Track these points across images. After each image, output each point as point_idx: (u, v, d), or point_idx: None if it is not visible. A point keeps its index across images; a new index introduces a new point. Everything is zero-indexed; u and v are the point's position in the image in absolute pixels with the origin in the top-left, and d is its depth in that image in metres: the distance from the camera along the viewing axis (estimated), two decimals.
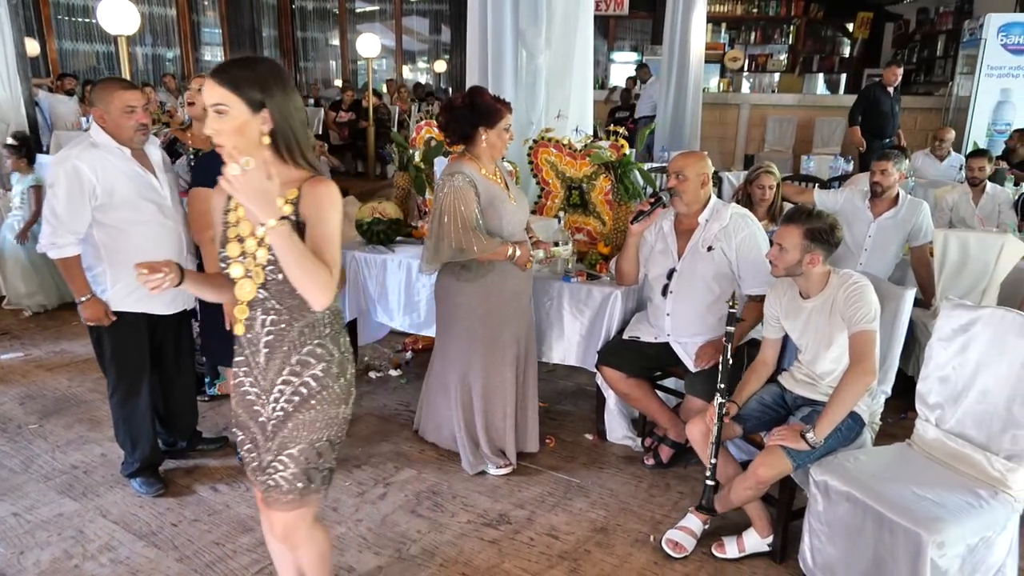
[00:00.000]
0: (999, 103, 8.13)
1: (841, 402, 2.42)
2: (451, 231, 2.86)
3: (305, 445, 1.84)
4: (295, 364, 1.81)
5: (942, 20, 11.57)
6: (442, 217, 2.87)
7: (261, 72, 1.70)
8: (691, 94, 8.34)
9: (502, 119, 2.93)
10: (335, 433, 1.89)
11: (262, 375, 1.84)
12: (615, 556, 2.69)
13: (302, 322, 1.79)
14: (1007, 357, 2.32)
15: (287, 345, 1.80)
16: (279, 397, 1.83)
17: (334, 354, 1.85)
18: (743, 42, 13.93)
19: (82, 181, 2.64)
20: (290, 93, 1.72)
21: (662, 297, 3.12)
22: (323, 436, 1.86)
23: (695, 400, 3.00)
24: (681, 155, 3.12)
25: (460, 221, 2.85)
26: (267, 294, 1.76)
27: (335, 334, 1.87)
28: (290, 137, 1.73)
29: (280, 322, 1.78)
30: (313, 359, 1.82)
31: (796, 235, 2.50)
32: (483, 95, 2.94)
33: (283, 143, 1.72)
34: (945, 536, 2.09)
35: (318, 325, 1.82)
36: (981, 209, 4.87)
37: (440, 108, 3.03)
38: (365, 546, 2.72)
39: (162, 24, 11.61)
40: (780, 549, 2.66)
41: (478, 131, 2.91)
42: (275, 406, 1.84)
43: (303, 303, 1.74)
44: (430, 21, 15.04)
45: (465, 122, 2.90)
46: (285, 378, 1.82)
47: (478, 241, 2.88)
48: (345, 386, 1.89)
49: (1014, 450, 2.27)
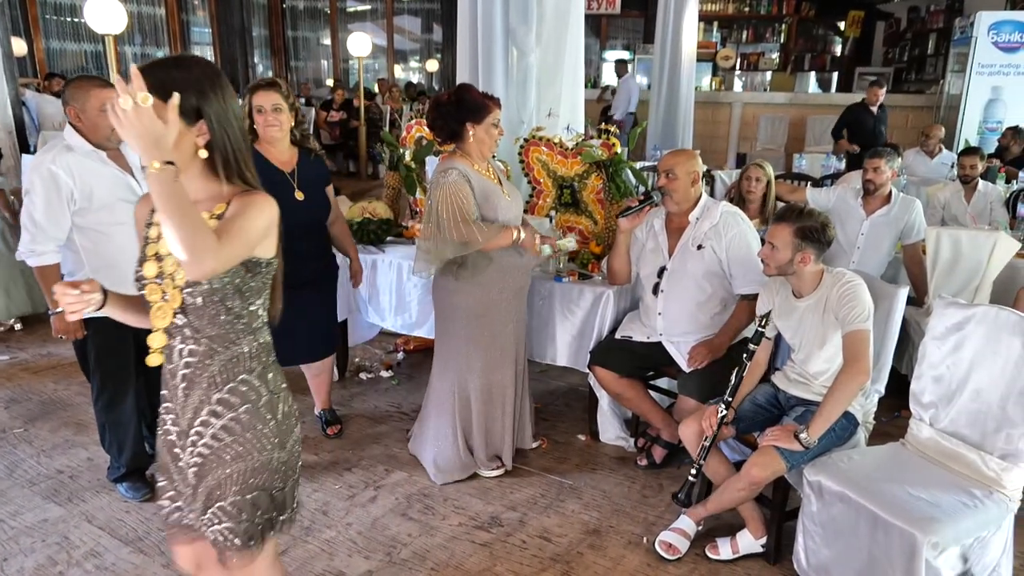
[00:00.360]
0: (990, 101, 8.15)
1: (835, 402, 2.41)
2: (452, 227, 2.81)
3: (236, 498, 1.60)
4: (215, 403, 1.59)
5: (933, 18, 11.60)
6: (440, 214, 2.81)
7: (197, 74, 1.49)
8: (683, 93, 8.31)
9: (489, 114, 2.89)
10: (273, 482, 1.64)
11: (181, 413, 1.62)
12: (608, 558, 2.67)
13: (225, 354, 1.58)
14: (1001, 356, 2.31)
15: (206, 381, 1.58)
16: (196, 440, 1.61)
17: (262, 393, 1.63)
18: (735, 41, 13.93)
19: (59, 186, 2.59)
20: (229, 99, 1.52)
21: (653, 296, 3.10)
22: (256, 486, 1.62)
23: (688, 400, 2.99)
24: (671, 153, 3.10)
25: (459, 215, 2.80)
26: (185, 320, 1.55)
27: (264, 369, 1.65)
28: (228, 151, 1.52)
29: (199, 353, 1.57)
30: (236, 398, 1.60)
31: (787, 234, 2.48)
32: (470, 91, 2.91)
33: (220, 157, 1.52)
34: (940, 536, 2.07)
35: (244, 359, 1.61)
36: (973, 207, 4.86)
37: (428, 106, 2.98)
38: (355, 550, 2.69)
39: (151, 23, 11.53)
40: (774, 550, 2.64)
41: (465, 127, 2.87)
42: (193, 450, 1.61)
43: (228, 333, 1.56)
44: (422, 20, 15.00)
45: (452, 118, 2.87)
46: (204, 419, 1.60)
47: (480, 231, 2.82)
48: (276, 428, 1.65)
49: (1008, 449, 2.26)
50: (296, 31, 14.09)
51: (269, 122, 2.94)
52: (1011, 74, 8.07)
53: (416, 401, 3.88)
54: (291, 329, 3.11)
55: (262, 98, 2.93)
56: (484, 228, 2.85)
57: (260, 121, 2.95)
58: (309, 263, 3.10)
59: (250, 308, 1.61)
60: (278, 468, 1.65)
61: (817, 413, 2.41)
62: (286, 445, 1.67)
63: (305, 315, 3.10)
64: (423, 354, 4.47)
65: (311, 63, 14.68)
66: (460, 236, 2.82)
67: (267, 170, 2.94)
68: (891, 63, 13.06)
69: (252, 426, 1.62)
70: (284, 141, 3.04)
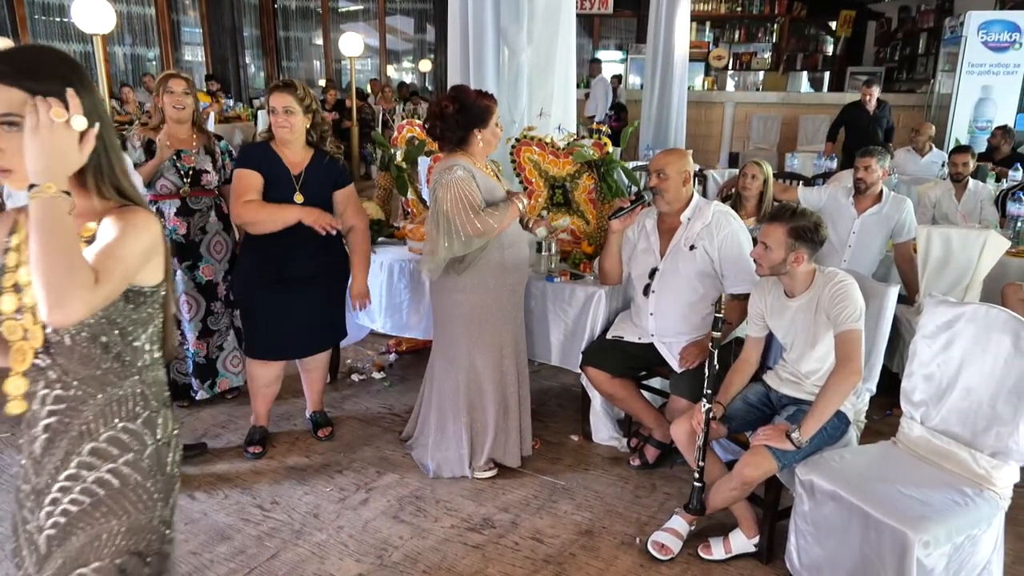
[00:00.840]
0: (980, 100, 8.18)
1: (827, 402, 2.40)
2: (466, 221, 2.80)
3: (103, 563, 1.35)
4: (88, 455, 1.35)
5: (923, 18, 11.66)
6: (450, 209, 2.80)
7: (63, 70, 1.27)
8: (676, 92, 8.31)
9: (492, 115, 2.93)
10: (148, 545, 1.40)
11: (37, 469, 1.36)
12: (600, 559, 2.66)
13: (101, 399, 1.35)
14: (991, 353, 2.31)
15: (77, 430, 1.34)
16: (60, 499, 1.35)
17: (147, 443, 1.39)
18: (727, 41, 13.98)
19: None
20: (97, 99, 1.31)
21: (644, 297, 3.09)
22: (128, 549, 1.38)
23: (680, 400, 2.98)
24: (662, 153, 3.09)
25: (471, 208, 2.81)
26: (49, 361, 1.32)
27: (151, 415, 1.41)
28: (100, 158, 1.31)
29: (68, 399, 1.34)
30: (116, 448, 1.36)
31: (780, 233, 2.48)
32: (468, 95, 2.91)
33: (90, 166, 1.30)
34: (931, 535, 2.07)
35: (125, 403, 1.37)
36: (963, 205, 4.88)
37: (428, 115, 2.99)
38: (346, 553, 2.67)
39: (141, 23, 11.47)
40: (766, 550, 2.63)
41: (473, 133, 2.89)
42: (53, 510, 1.35)
43: (104, 374, 1.34)
44: (415, 20, 14.98)
45: (459, 127, 2.88)
46: (72, 472, 1.34)
47: (494, 216, 2.84)
48: (162, 485, 1.42)
49: (998, 447, 2.26)
50: (288, 31, 14.05)
51: (280, 123, 2.98)
52: (1001, 73, 8.10)
53: (408, 403, 3.87)
54: (289, 326, 3.15)
55: (276, 99, 2.98)
56: (495, 212, 2.86)
57: (273, 122, 3.01)
58: (306, 262, 3.10)
59: (133, 344, 1.37)
60: (157, 528, 1.42)
61: (809, 413, 2.41)
62: (169, 500, 1.45)
63: (304, 312, 3.15)
64: (415, 355, 4.46)
65: (303, 63, 14.64)
66: (476, 230, 2.81)
67: (275, 167, 3.02)
68: (882, 63, 13.11)
69: (132, 480, 1.38)
70: (297, 143, 3.07)
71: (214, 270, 3.61)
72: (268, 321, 3.12)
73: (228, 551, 2.66)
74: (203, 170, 3.51)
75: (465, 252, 2.88)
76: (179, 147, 3.49)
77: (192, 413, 3.71)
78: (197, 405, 3.77)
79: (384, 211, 4.13)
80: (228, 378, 3.79)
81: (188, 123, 3.53)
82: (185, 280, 3.54)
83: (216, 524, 2.82)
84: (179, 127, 3.50)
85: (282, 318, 3.13)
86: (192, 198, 3.52)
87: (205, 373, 3.70)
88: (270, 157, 3.03)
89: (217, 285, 3.65)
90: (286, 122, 2.97)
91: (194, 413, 3.71)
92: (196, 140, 3.54)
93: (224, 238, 3.65)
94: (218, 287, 3.65)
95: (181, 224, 3.50)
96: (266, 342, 3.19)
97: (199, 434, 3.49)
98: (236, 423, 3.62)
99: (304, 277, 3.10)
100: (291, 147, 3.06)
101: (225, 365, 3.76)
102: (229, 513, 2.88)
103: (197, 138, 3.55)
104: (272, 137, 3.06)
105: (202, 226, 3.55)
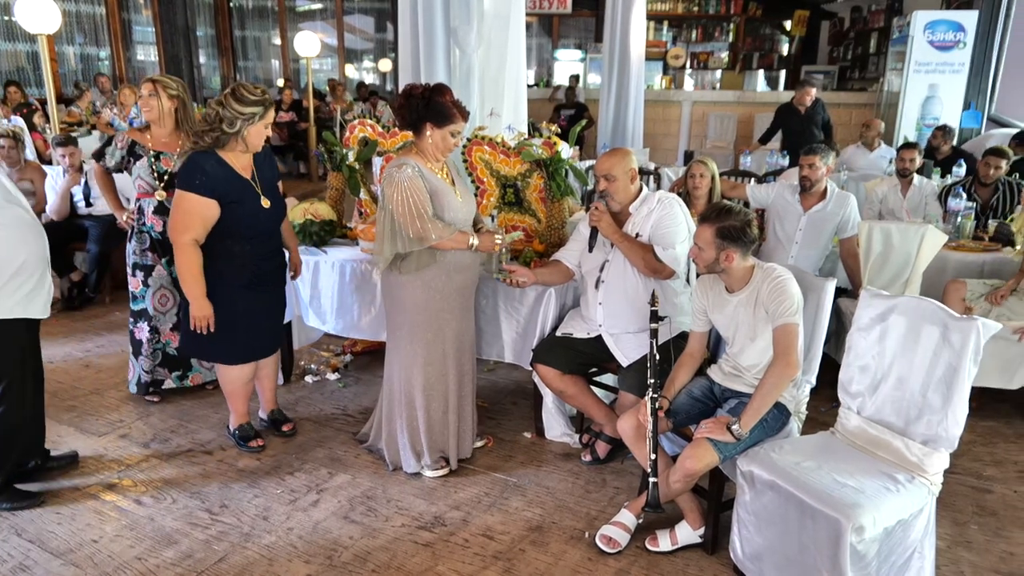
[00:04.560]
0: (927, 98, 8.39)
1: (765, 395, 2.46)
2: (408, 222, 2.83)
3: None
4: None
5: (874, 18, 11.92)
6: (396, 207, 2.83)
7: None
8: (633, 91, 8.39)
9: (452, 123, 2.91)
10: None
11: None
12: (549, 554, 2.68)
13: None
14: (921, 345, 2.38)
15: None
16: None
17: None
18: (685, 40, 14.13)
19: None
20: None
21: (595, 290, 3.13)
22: None
23: (628, 396, 3.02)
24: (605, 156, 3.10)
25: (415, 209, 2.82)
26: None
27: None
28: None
29: None
30: None
31: (709, 234, 2.54)
32: (444, 95, 2.93)
33: None
34: (863, 520, 2.13)
35: None
36: (909, 201, 5.01)
37: (402, 90, 3.03)
38: (295, 555, 2.66)
39: (91, 22, 11.22)
40: (711, 541, 2.68)
41: (425, 126, 2.90)
42: None
43: None
44: (374, 19, 14.88)
45: (415, 113, 2.90)
46: None
47: (435, 228, 2.86)
48: None
49: (929, 435, 2.33)
50: (244, 30, 13.85)
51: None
52: (946, 72, 8.32)
53: (362, 403, 3.87)
54: (257, 326, 3.21)
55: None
56: (439, 226, 2.87)
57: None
58: (269, 262, 3.21)
59: None
60: None
61: (748, 405, 2.46)
62: None
63: (267, 311, 3.28)
64: (370, 356, 4.45)
65: (260, 63, 14.44)
66: (416, 232, 2.84)
67: (238, 184, 3.01)
68: (836, 62, 13.38)
69: None
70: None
71: None
72: (249, 323, 3.17)
73: (175, 556, 2.63)
74: (175, 174, 3.44)
75: (407, 251, 2.90)
76: (161, 149, 3.53)
77: (141, 417, 3.66)
78: (148, 410, 3.72)
79: (337, 211, 4.11)
80: (201, 373, 3.86)
81: (168, 126, 3.53)
82: (163, 275, 3.64)
83: (163, 529, 2.79)
84: (160, 129, 3.54)
85: (261, 318, 3.22)
86: (169, 199, 3.50)
87: (175, 364, 3.78)
88: (225, 171, 3.00)
89: None
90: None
91: (143, 417, 3.66)
92: (180, 144, 3.49)
93: None
94: None
95: (157, 222, 3.56)
96: (248, 344, 3.23)
97: (148, 438, 3.45)
98: (186, 427, 3.58)
99: (271, 275, 3.24)
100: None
101: (199, 360, 3.82)
102: (176, 517, 2.85)
103: (182, 142, 3.48)
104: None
105: None
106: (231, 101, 2.90)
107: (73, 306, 5.32)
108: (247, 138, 2.97)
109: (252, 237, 3.05)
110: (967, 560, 2.68)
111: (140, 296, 3.67)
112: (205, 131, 2.94)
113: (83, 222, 5.25)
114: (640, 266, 2.99)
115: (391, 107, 3.13)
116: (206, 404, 3.82)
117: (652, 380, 2.61)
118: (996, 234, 4.41)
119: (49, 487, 3.04)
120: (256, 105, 2.93)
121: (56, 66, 9.70)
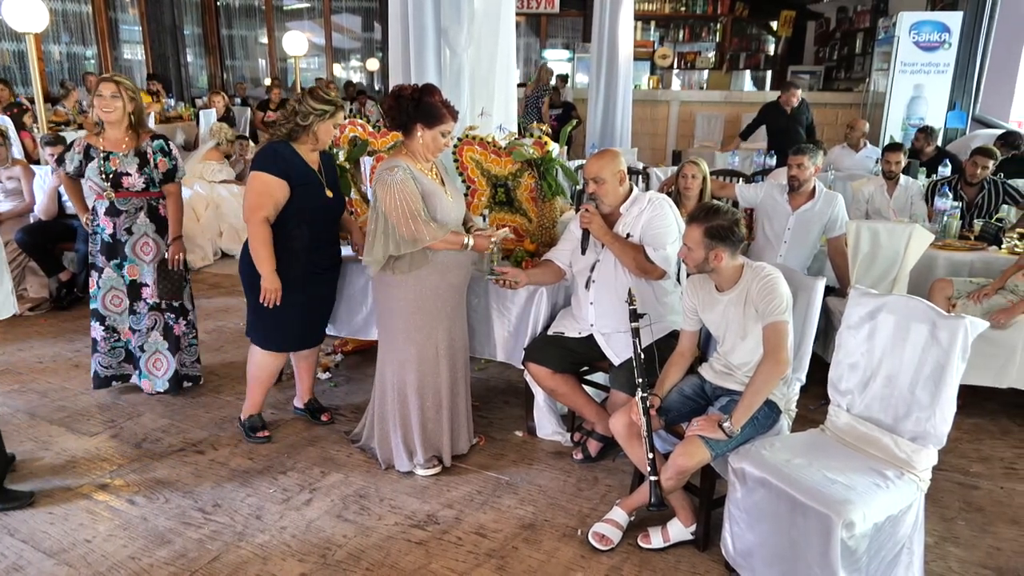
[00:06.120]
0: (912, 98, 8.47)
1: (755, 392, 2.49)
2: (401, 223, 2.86)
3: None
4: None
5: (860, 18, 12.01)
6: (389, 210, 2.85)
7: None
8: (621, 91, 8.42)
9: (442, 123, 2.94)
10: None
11: None
12: (542, 552, 2.70)
13: None
14: (910, 342, 2.41)
15: None
16: None
17: None
18: (672, 40, 14.20)
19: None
20: None
21: (586, 290, 3.15)
22: None
23: (620, 394, 3.03)
24: (594, 158, 3.11)
25: (408, 211, 2.85)
26: None
27: None
28: None
29: None
30: None
31: (698, 234, 2.56)
32: (433, 95, 2.96)
33: None
34: (853, 517, 2.15)
35: None
36: (895, 201, 5.06)
37: (391, 91, 3.09)
38: (289, 554, 2.66)
39: (77, 21, 11.14)
40: (703, 537, 2.71)
41: (416, 126, 2.93)
42: None
43: None
44: (362, 19, 14.86)
45: (406, 114, 2.93)
46: None
47: (429, 229, 2.89)
48: None
49: (917, 431, 2.36)
50: (231, 29, 13.79)
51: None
52: (931, 72, 8.40)
53: (354, 402, 3.87)
54: (301, 317, 3.29)
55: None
56: (433, 227, 2.90)
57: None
58: (324, 253, 3.32)
59: None
60: None
61: (739, 403, 2.49)
62: None
63: (315, 305, 3.38)
64: (361, 355, 4.45)
65: (248, 62, 14.39)
66: (410, 233, 2.87)
67: (306, 171, 3.14)
68: (822, 62, 13.47)
69: None
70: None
71: (139, 271, 3.67)
72: (297, 314, 3.25)
73: (168, 555, 2.63)
74: (124, 173, 3.54)
75: (399, 253, 2.92)
76: (112, 149, 3.54)
77: (132, 417, 3.65)
78: (139, 410, 3.71)
79: None
80: (151, 381, 3.82)
81: (122, 126, 3.55)
82: (114, 277, 3.66)
83: (156, 528, 2.78)
84: (115, 131, 3.55)
85: (307, 311, 3.31)
86: (119, 199, 3.56)
87: (136, 363, 3.84)
88: (297, 160, 3.12)
89: (143, 286, 3.69)
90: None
91: (134, 417, 3.65)
92: (127, 143, 3.56)
93: (155, 240, 3.66)
94: (143, 288, 3.69)
95: (108, 223, 3.59)
96: (291, 334, 3.33)
97: (139, 438, 3.44)
98: (178, 427, 3.57)
99: (325, 269, 3.35)
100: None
101: (148, 366, 3.80)
102: (169, 517, 2.85)
103: (128, 141, 3.56)
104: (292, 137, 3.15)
105: (128, 227, 3.61)
106: (307, 97, 3.09)
107: (62, 306, 5.30)
108: (317, 132, 3.12)
109: (313, 222, 3.17)
110: (955, 555, 2.72)
111: (93, 296, 3.71)
112: (281, 123, 3.12)
113: (72, 222, 5.22)
114: (631, 267, 3.01)
115: (380, 107, 3.15)
116: (197, 404, 3.82)
117: (640, 379, 2.63)
118: (982, 233, 4.47)
119: (41, 487, 3.02)
120: (328, 104, 3.11)
121: (43, 65, 9.62)
